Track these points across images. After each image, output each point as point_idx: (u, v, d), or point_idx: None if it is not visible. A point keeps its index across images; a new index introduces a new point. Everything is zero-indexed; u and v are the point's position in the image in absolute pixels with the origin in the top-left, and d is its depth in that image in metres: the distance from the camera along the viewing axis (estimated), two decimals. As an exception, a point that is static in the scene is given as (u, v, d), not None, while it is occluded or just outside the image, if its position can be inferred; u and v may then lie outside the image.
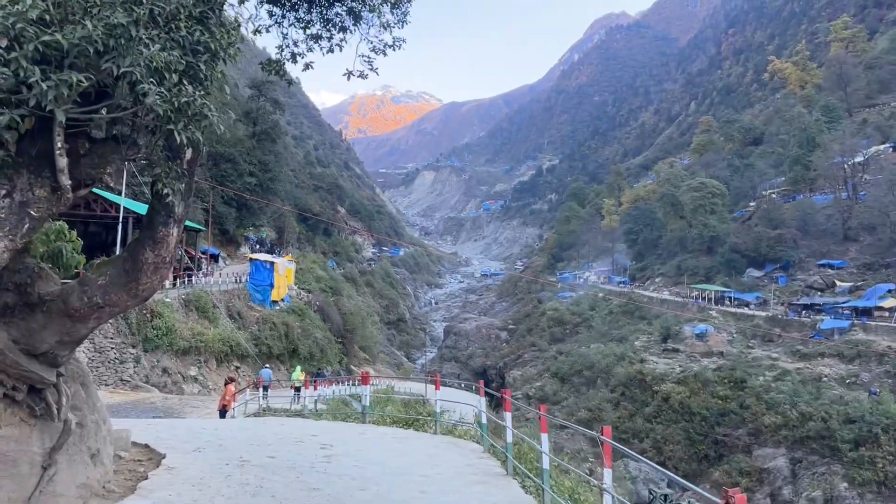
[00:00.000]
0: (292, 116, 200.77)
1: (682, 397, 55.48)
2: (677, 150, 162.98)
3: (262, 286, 44.44)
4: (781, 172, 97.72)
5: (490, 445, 11.41)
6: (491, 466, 10.03)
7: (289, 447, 10.86)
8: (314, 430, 13.75)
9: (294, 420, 17.06)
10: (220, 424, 14.75)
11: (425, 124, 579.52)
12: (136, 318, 27.60)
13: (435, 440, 12.71)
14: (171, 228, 6.87)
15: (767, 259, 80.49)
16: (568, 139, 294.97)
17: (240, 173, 54.69)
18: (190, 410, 21.86)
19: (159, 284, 7.23)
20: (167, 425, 13.52)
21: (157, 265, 6.82)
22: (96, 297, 6.65)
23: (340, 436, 12.93)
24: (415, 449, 11.51)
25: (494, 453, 11.05)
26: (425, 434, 13.83)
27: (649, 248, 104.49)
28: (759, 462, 48.98)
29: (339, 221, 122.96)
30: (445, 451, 11.22)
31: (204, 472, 8.58)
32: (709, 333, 67.10)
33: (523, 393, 74.91)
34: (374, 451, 11.02)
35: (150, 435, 10.94)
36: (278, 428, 14.06)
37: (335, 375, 47.33)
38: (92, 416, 6.91)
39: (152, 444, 9.70)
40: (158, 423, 13.90)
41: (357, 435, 13.23)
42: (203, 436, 11.69)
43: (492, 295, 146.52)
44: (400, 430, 14.29)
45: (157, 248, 6.78)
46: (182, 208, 6.97)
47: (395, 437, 12.98)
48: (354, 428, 14.68)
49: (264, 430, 13.65)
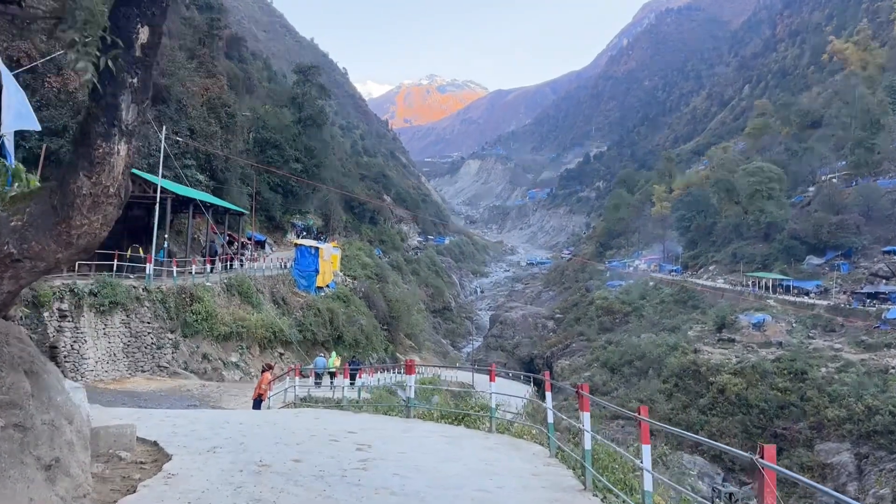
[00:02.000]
0: (339, 107, 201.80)
1: (738, 389, 53.66)
2: (730, 135, 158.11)
3: (307, 272, 44.02)
4: (842, 156, 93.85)
5: (557, 448, 9.86)
6: (563, 477, 8.48)
7: (320, 447, 9.35)
8: (352, 425, 12.38)
9: (331, 412, 15.81)
10: (248, 417, 13.30)
11: (471, 113, 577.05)
12: (175, 302, 27.05)
13: (490, 440, 11.08)
14: (116, 143, 4.91)
15: (828, 246, 77.43)
16: (616, 125, 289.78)
17: (286, 159, 54.40)
18: (227, 399, 21.15)
19: (103, 228, 5.16)
20: (189, 418, 12.26)
21: (96, 198, 4.88)
22: (8, 245, 4.78)
23: (381, 433, 11.49)
24: (468, 452, 9.85)
25: (563, 459, 9.56)
26: (478, 432, 12.13)
27: (703, 236, 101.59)
28: (821, 457, 47.08)
29: (385, 210, 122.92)
30: (505, 456, 9.61)
31: (210, 481, 7.25)
32: (766, 323, 64.80)
33: (571, 383, 73.64)
34: (420, 455, 9.35)
35: (165, 430, 9.96)
36: (312, 422, 12.74)
37: (380, 363, 46.85)
38: (44, 416, 4.98)
39: (162, 442, 8.59)
40: (179, 416, 12.63)
41: (400, 433, 11.73)
42: (224, 431, 10.41)
43: (538, 284, 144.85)
44: (449, 427, 12.70)
45: (96, 171, 4.85)
46: (133, 114, 4.96)
47: (443, 437, 11.33)
48: (397, 423, 13.17)
49: (296, 424, 12.24)
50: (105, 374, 22.60)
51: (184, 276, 29.70)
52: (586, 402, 8.35)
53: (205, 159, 37.74)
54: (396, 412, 15.48)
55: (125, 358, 23.83)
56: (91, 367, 21.95)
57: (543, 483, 8.20)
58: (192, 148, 34.75)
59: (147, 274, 26.41)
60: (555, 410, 10.02)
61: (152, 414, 12.41)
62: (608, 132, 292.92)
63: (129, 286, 24.74)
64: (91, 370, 21.93)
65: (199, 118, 36.08)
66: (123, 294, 23.80)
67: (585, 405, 8.35)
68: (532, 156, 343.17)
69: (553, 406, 33.48)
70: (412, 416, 13.89)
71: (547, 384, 10.53)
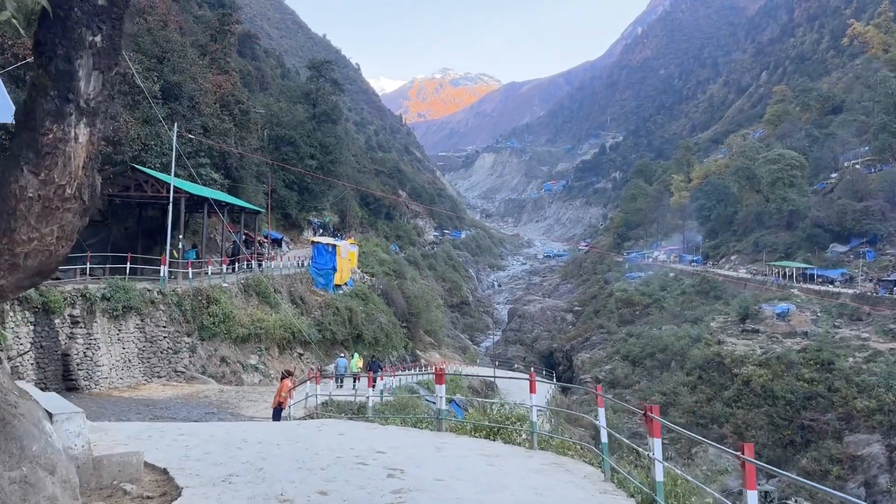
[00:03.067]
0: (353, 102, 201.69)
1: (764, 380, 52.80)
2: (749, 123, 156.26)
3: (325, 270, 43.58)
4: (865, 141, 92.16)
5: (611, 470, 8.73)
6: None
7: (347, 474, 8.31)
8: (380, 442, 11.31)
9: (356, 425, 14.49)
10: (267, 434, 12.12)
11: (484, 106, 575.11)
12: (191, 305, 26.30)
13: (534, 459, 10.01)
14: (72, 126, 3.57)
15: (853, 233, 76.06)
16: (632, 115, 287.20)
17: (301, 156, 53.98)
18: (247, 405, 20.47)
19: (60, 244, 3.78)
20: (203, 436, 11.15)
21: (47, 202, 3.58)
22: None
23: (412, 453, 10.35)
24: (512, 476, 8.77)
25: (621, 484, 8.48)
26: (518, 450, 11.02)
27: (723, 225, 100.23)
28: (851, 449, 46.16)
29: (400, 205, 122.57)
30: (553, 480, 8.50)
31: None
32: (791, 313, 63.66)
33: (592, 376, 72.94)
34: (459, 483, 8.15)
35: (177, 452, 9.11)
36: (336, 439, 11.67)
37: (400, 361, 46.41)
38: (13, 473, 3.96)
39: (173, 470, 7.68)
40: (193, 433, 11.55)
41: (433, 451, 10.58)
42: (241, 454, 9.43)
43: (555, 276, 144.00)
44: (485, 444, 11.51)
45: (45, 165, 3.53)
46: (96, 85, 3.61)
47: (482, 455, 10.18)
48: (429, 439, 12.05)
49: (319, 442, 11.19)
50: (120, 382, 22.07)
51: (200, 277, 29.24)
52: (656, 427, 7.14)
53: (219, 157, 37.32)
54: (426, 424, 14.42)
55: (140, 364, 23.28)
56: (105, 374, 21.44)
57: (606, 518, 7.17)
58: (206, 146, 34.34)
59: (161, 276, 25.84)
60: (609, 430, 8.92)
61: (164, 432, 11.47)
62: (624, 122, 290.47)
63: (143, 289, 24.20)
64: (105, 378, 21.42)
65: (212, 115, 35.65)
66: (137, 298, 23.19)
67: (655, 430, 7.13)
68: (547, 148, 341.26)
69: (572, 402, 32.55)
70: (444, 430, 12.84)
71: (599, 400, 9.36)
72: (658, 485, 6.85)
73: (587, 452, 10.77)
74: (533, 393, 11.10)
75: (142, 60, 32.05)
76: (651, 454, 6.91)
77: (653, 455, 6.88)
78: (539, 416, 15.15)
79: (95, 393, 20.36)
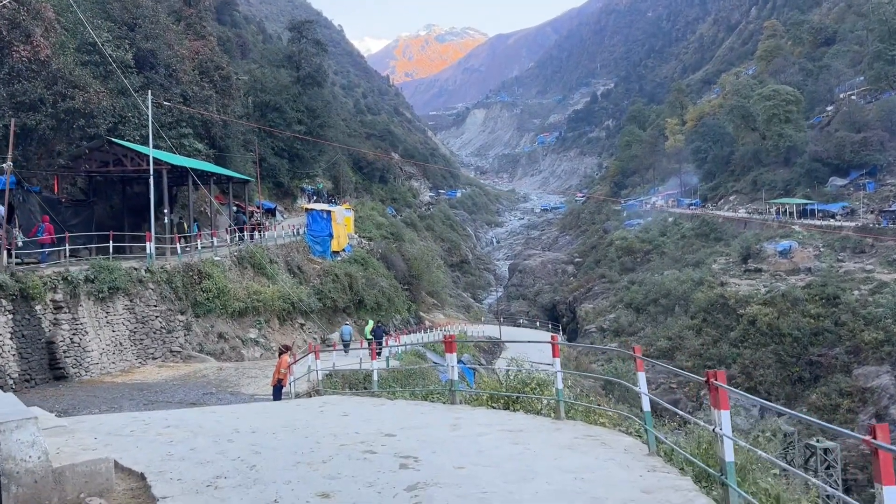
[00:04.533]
0: (339, 66, 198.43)
1: (769, 319, 52.60)
2: (740, 61, 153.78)
3: (321, 237, 42.81)
4: (860, 71, 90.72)
5: (656, 441, 7.57)
6: (689, 493, 6.08)
7: (353, 468, 7.24)
8: (388, 422, 10.10)
9: (362, 402, 13.14)
10: (263, 420, 10.94)
11: (472, 61, 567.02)
12: (182, 281, 25.22)
13: (564, 433, 8.82)
14: None
15: (852, 165, 75.28)
16: (622, 61, 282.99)
17: (287, 122, 52.61)
18: (247, 382, 19.42)
19: None
20: (191, 428, 10.04)
21: None
22: None
23: (426, 433, 9.18)
24: (542, 456, 7.56)
25: (669, 457, 7.39)
26: (543, 421, 9.80)
27: (720, 166, 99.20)
28: (860, 381, 46.18)
29: (394, 167, 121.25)
30: (592, 459, 7.37)
31: None
32: (793, 250, 63.20)
33: (597, 326, 72.87)
34: (484, 470, 7.03)
35: (159, 450, 8.11)
36: (340, 421, 10.49)
37: (404, 325, 45.99)
38: None
39: (151, 474, 6.69)
40: (180, 424, 10.42)
41: (449, 430, 9.37)
42: (231, 448, 8.33)
43: (554, 229, 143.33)
44: (506, 416, 10.31)
45: None
46: None
47: (504, 431, 9.00)
48: (442, 414, 10.77)
49: (321, 426, 10.09)
50: (112, 366, 21.02)
51: (189, 252, 28.22)
52: (723, 397, 5.85)
53: (202, 126, 36.04)
54: (437, 395, 13.15)
55: (133, 346, 22.24)
56: (95, 360, 20.43)
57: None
58: (188, 116, 33.14)
59: (148, 253, 24.67)
60: (652, 396, 7.80)
61: (149, 424, 10.45)
62: (614, 68, 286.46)
63: (130, 268, 22.93)
64: (95, 363, 20.39)
65: (191, 83, 34.27)
66: (124, 277, 22.01)
67: (722, 401, 5.84)
68: (538, 100, 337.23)
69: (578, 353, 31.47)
70: (458, 402, 11.68)
71: (639, 363, 8.05)
72: (728, 465, 5.73)
73: (623, 422, 9.78)
74: (556, 357, 10.01)
75: (111, 28, 30.68)
76: (717, 429, 5.82)
77: (720, 430, 5.77)
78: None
79: (86, 380, 19.48)
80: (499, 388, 12.37)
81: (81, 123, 25.79)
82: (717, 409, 5.85)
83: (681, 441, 8.00)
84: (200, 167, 30.52)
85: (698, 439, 7.63)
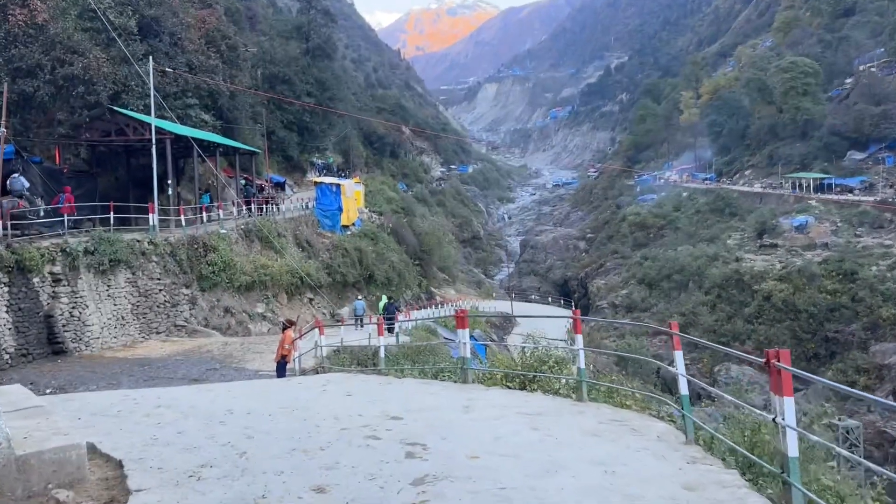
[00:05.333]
0: (349, 40, 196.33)
1: (785, 295, 51.84)
2: (756, 33, 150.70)
3: (330, 211, 42.29)
4: (881, 43, 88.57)
5: (695, 428, 6.81)
6: (739, 490, 5.38)
7: (353, 455, 6.58)
8: (395, 402, 9.45)
9: (367, 381, 12.34)
10: (260, 400, 10.28)
11: (483, 34, 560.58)
12: (187, 254, 24.63)
13: (587, 416, 8.07)
14: None
15: (871, 139, 73.80)
16: (636, 33, 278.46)
17: (297, 94, 51.85)
18: (252, 357, 18.89)
19: None
20: (182, 406, 9.44)
21: None
22: None
23: (435, 416, 8.50)
24: (566, 444, 6.85)
25: (708, 446, 6.67)
26: (564, 403, 9.07)
27: (736, 140, 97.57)
28: (877, 358, 45.40)
29: (405, 142, 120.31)
30: (622, 448, 6.63)
31: None
32: (810, 225, 62.19)
33: (609, 302, 72.26)
34: (501, 461, 6.31)
35: (145, 433, 7.52)
36: (342, 403, 9.76)
37: (415, 300, 45.56)
38: None
39: (131, 461, 6.07)
40: (172, 403, 9.73)
41: (461, 412, 8.63)
42: (222, 431, 7.70)
43: (566, 205, 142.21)
44: (523, 397, 9.56)
45: None
46: None
47: (521, 415, 8.22)
48: (453, 395, 9.96)
49: (321, 407, 9.39)
50: (114, 341, 20.56)
51: (195, 224, 27.67)
52: (787, 382, 5.06)
53: (208, 97, 35.37)
54: (449, 374, 12.28)
55: (136, 320, 21.78)
56: (96, 334, 19.96)
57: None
58: (193, 85, 32.48)
59: (151, 225, 24.07)
60: (688, 377, 7.10)
61: (138, 402, 9.84)
62: (628, 41, 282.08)
63: (132, 240, 22.48)
64: (96, 338, 19.92)
65: (196, 52, 33.42)
66: (125, 250, 21.47)
67: (786, 385, 5.06)
68: (550, 74, 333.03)
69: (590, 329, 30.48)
70: (470, 381, 10.91)
71: (676, 341, 7.12)
72: (791, 462, 4.98)
73: (647, 401, 9.02)
74: (578, 333, 9.37)
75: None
76: (779, 418, 5.02)
77: (782, 420, 4.99)
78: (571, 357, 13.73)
79: (86, 355, 19.05)
80: (514, 366, 11.64)
81: (81, 91, 25.14)
82: (780, 395, 5.08)
83: (721, 428, 7.30)
84: (206, 138, 29.90)
85: (741, 426, 6.94)
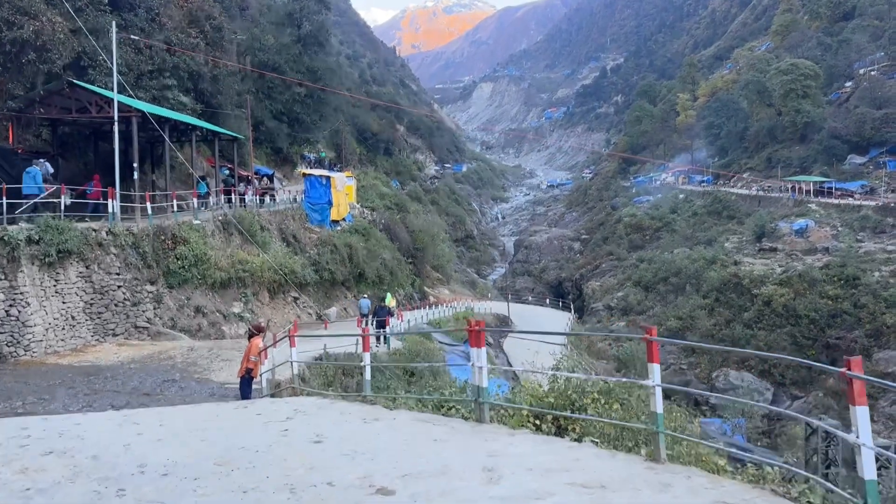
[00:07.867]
0: (344, 36, 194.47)
1: (785, 299, 50.71)
2: (753, 37, 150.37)
3: (320, 204, 40.67)
4: (881, 46, 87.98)
5: None
6: None
7: None
8: (382, 456, 6.77)
9: (344, 415, 9.37)
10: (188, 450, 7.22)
11: (480, 33, 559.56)
12: (152, 246, 21.94)
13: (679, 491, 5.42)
14: None
15: (871, 143, 73.02)
16: (632, 35, 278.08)
17: (287, 84, 50.40)
18: (219, 366, 16.47)
19: None
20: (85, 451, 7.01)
21: None
22: None
23: (444, 485, 5.74)
24: None
25: None
26: (632, 464, 6.27)
27: (733, 142, 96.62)
28: (881, 366, 44.40)
29: (399, 140, 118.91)
30: None
31: None
32: (809, 229, 61.19)
33: (604, 304, 71.06)
34: None
35: None
36: (307, 453, 6.99)
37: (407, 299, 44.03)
38: None
39: None
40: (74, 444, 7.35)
41: (483, 480, 5.81)
42: None
43: (560, 206, 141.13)
44: (564, 449, 6.93)
45: None
46: None
47: (574, 486, 5.53)
48: (469, 447, 7.08)
49: (275, 462, 6.62)
50: (61, 344, 18.08)
51: (165, 214, 25.11)
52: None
53: (189, 79, 33.43)
54: (458, 406, 9.16)
55: (89, 321, 19.29)
56: (39, 336, 17.57)
57: None
58: (171, 65, 30.61)
59: (111, 212, 21.23)
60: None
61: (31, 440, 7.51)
62: (624, 43, 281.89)
63: (87, 229, 19.81)
64: (39, 340, 17.54)
65: (176, 30, 31.55)
66: (77, 239, 18.82)
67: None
68: (546, 74, 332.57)
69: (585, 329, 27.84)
70: (487, 420, 8.21)
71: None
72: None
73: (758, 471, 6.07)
74: (654, 363, 6.45)
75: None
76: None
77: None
78: (568, 356, 12.19)
79: (24, 361, 16.69)
80: (543, 396, 8.68)
81: (32, 58, 22.76)
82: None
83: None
84: (181, 119, 27.72)
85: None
